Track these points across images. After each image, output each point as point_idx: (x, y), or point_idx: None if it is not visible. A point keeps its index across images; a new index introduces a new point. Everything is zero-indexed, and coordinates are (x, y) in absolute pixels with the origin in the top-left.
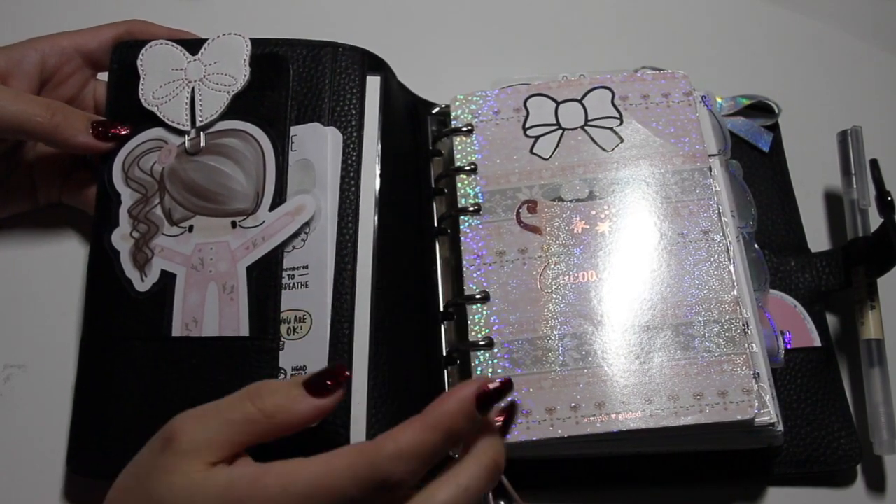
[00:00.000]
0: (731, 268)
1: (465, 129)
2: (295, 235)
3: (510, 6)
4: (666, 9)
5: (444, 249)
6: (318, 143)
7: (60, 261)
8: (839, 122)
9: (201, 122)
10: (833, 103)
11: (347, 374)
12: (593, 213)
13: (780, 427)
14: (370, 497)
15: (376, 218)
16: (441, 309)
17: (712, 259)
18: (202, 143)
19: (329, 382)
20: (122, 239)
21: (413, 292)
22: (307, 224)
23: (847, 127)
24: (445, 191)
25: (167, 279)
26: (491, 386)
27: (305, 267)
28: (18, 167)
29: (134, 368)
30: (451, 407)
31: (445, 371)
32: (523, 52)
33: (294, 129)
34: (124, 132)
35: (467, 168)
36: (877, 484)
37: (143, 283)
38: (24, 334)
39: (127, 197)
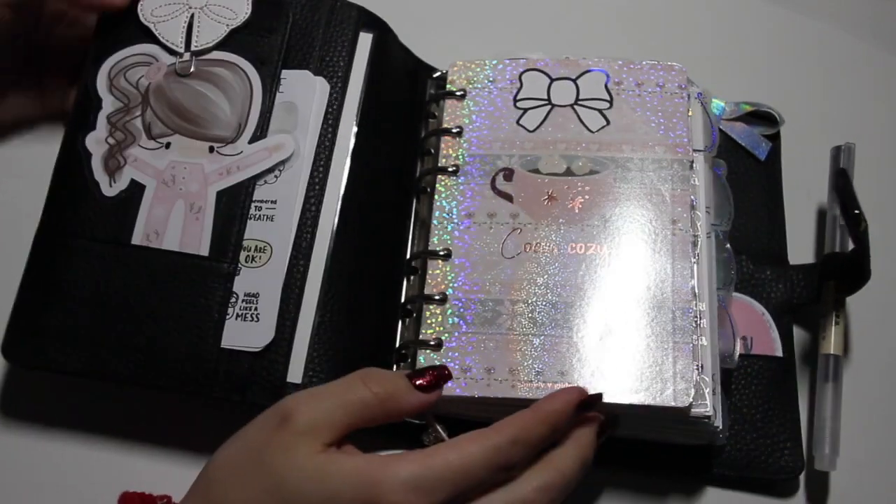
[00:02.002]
0: (693, 259)
1: (458, 92)
2: (269, 171)
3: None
4: (669, 11)
5: (422, 207)
6: (306, 90)
7: None
8: (841, 135)
9: (196, 47)
10: (838, 117)
11: (447, 373)
12: (566, 188)
13: (719, 423)
14: (493, 477)
15: (347, 166)
16: (406, 265)
17: (676, 248)
18: (192, 68)
19: (433, 380)
20: (95, 142)
21: (382, 244)
22: (283, 162)
23: (850, 139)
24: (432, 151)
25: (136, 189)
26: (591, 394)
27: (274, 201)
28: (28, 66)
29: (87, 268)
30: (558, 406)
31: (401, 322)
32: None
33: (285, 73)
34: None
35: (454, 130)
36: (818, 499)
37: (110, 189)
38: None
39: (108, 104)
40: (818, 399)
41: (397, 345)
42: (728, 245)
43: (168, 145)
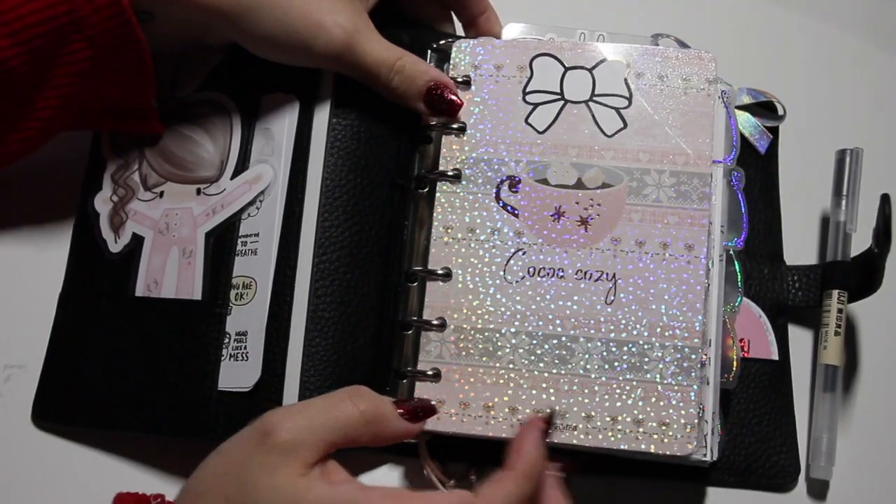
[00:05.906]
0: (704, 296)
1: (461, 79)
2: (251, 203)
3: None
4: (668, 11)
5: (422, 205)
6: (278, 112)
7: (61, 261)
8: (846, 138)
9: (180, 95)
10: (843, 120)
11: (430, 408)
12: (576, 204)
13: (714, 457)
14: None
15: (319, 188)
16: (403, 274)
17: (689, 280)
18: (179, 113)
19: (412, 410)
20: (102, 202)
21: (375, 254)
22: (262, 192)
23: (854, 142)
24: (431, 148)
25: (137, 242)
26: (545, 417)
27: (257, 234)
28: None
29: (99, 325)
30: (533, 456)
31: (398, 343)
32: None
33: (261, 100)
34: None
35: (455, 126)
36: (818, 492)
37: (116, 245)
38: (24, 334)
39: (111, 163)
40: (816, 409)
41: (395, 367)
42: (736, 262)
43: (161, 194)
